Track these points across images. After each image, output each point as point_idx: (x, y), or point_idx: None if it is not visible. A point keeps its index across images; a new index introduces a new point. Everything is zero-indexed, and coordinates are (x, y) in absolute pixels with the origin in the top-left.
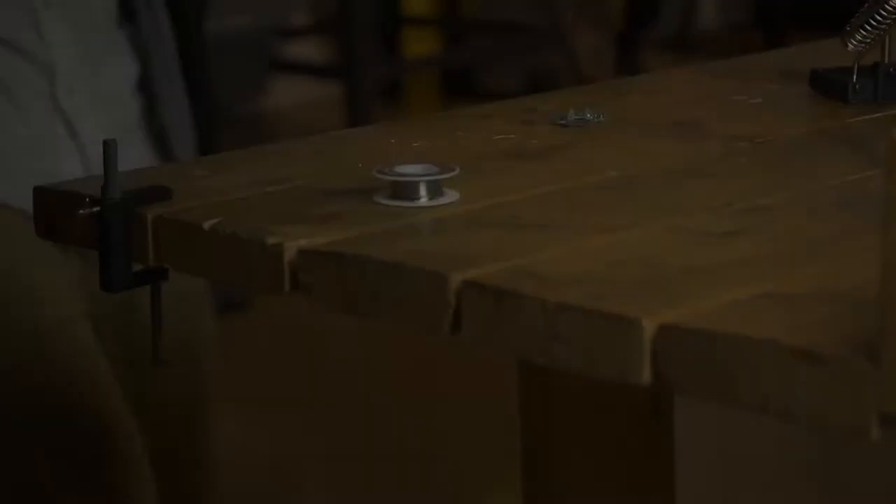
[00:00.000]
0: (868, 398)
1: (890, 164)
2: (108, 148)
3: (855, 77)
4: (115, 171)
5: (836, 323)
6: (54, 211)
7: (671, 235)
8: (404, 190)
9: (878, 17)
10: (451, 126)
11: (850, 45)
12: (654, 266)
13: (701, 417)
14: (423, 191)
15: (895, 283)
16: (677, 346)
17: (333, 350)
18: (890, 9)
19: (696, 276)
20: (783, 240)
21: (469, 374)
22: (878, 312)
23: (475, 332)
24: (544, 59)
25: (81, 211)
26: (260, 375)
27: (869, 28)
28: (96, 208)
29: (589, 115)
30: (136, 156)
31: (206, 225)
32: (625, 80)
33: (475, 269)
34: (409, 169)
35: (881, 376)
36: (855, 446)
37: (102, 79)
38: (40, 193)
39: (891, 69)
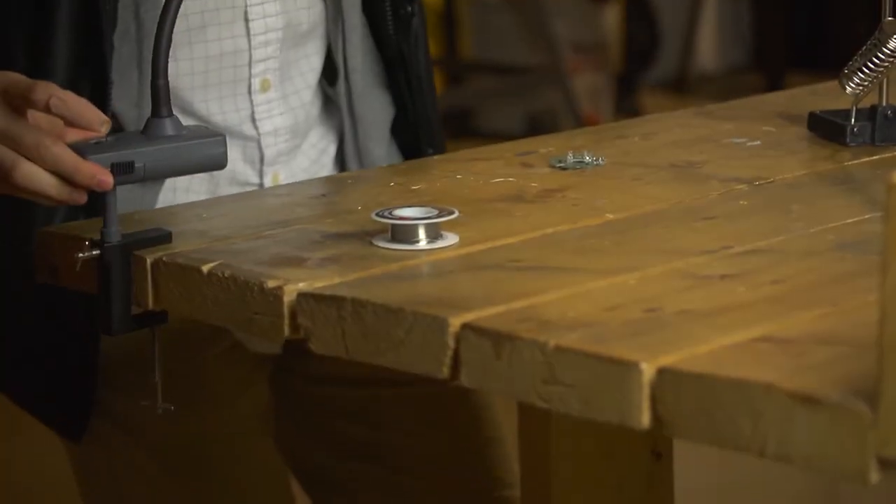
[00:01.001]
0: (866, 442)
1: (888, 207)
2: (107, 193)
3: (853, 120)
4: (115, 215)
5: (834, 366)
6: (55, 254)
7: (670, 278)
8: (403, 233)
9: (876, 61)
10: (450, 169)
11: (848, 87)
12: (653, 309)
13: (701, 459)
14: (421, 234)
15: (893, 327)
16: (676, 390)
17: None
18: (887, 52)
19: (695, 319)
20: (781, 283)
21: None
22: (876, 356)
23: (474, 376)
24: (543, 100)
25: (81, 254)
26: None
27: (867, 71)
28: (96, 252)
29: (588, 158)
30: None
31: (206, 268)
32: (623, 122)
33: (474, 312)
34: (408, 212)
35: (879, 420)
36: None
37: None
38: (42, 237)
39: (888, 112)
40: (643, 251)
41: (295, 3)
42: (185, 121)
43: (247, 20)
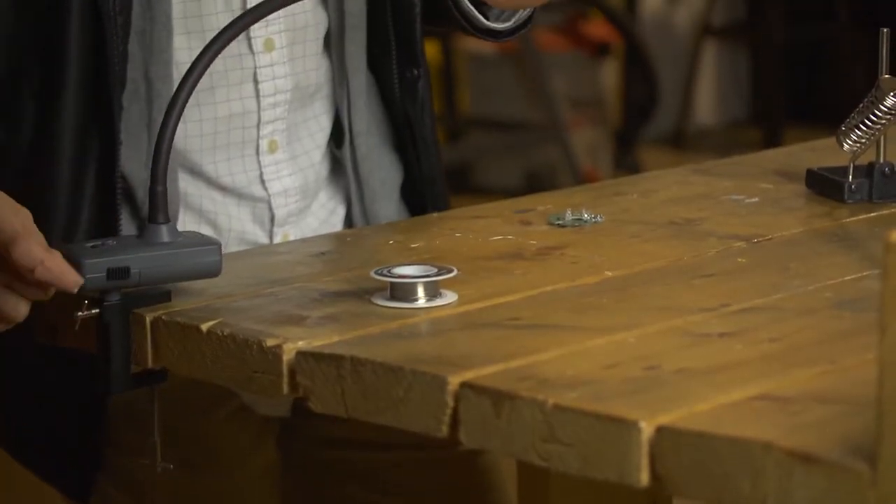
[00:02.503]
0: (866, 501)
1: (886, 266)
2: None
3: (850, 177)
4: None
5: (833, 425)
6: (54, 313)
7: (668, 336)
8: (402, 291)
9: (873, 118)
10: (449, 226)
11: (845, 145)
12: (652, 367)
13: None
14: (420, 292)
15: (892, 385)
16: (675, 448)
17: None
18: (885, 109)
19: (694, 377)
20: (780, 341)
21: None
22: (875, 414)
23: (473, 434)
24: (542, 156)
25: (80, 313)
26: None
27: (864, 128)
28: (95, 310)
29: (586, 216)
30: None
31: (205, 327)
32: (622, 179)
33: (473, 371)
34: (407, 270)
35: (878, 478)
36: None
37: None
38: None
39: (886, 169)
40: (642, 309)
41: (303, 64)
42: (194, 182)
43: (256, 82)
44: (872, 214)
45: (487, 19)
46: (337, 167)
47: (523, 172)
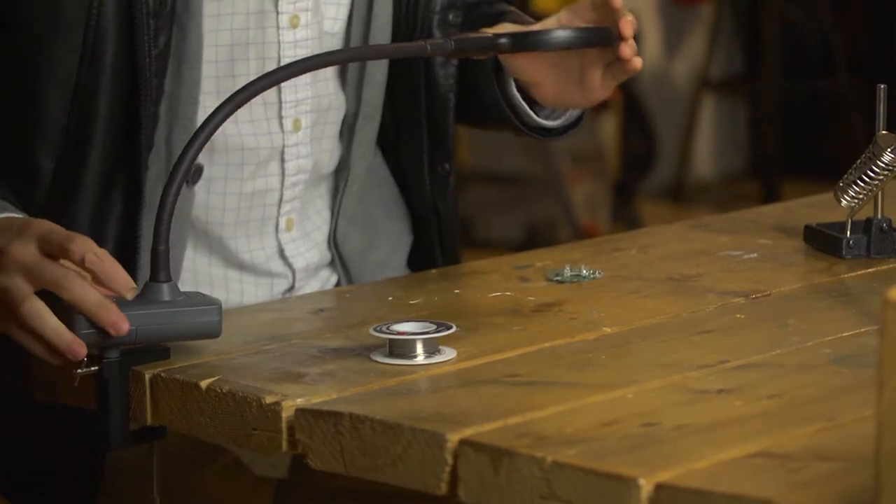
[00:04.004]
0: None
1: (884, 323)
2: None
3: (849, 233)
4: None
5: (831, 482)
6: (53, 370)
7: (667, 393)
8: (401, 348)
9: (871, 174)
10: (448, 283)
11: (843, 200)
12: (651, 424)
13: None
14: (419, 349)
15: (890, 442)
16: None
17: None
18: (882, 165)
19: (692, 434)
20: (778, 397)
21: None
22: (873, 471)
23: (472, 491)
24: (542, 210)
25: (80, 370)
26: None
27: (861, 184)
28: (95, 368)
29: (585, 272)
30: None
31: (204, 384)
32: (620, 235)
33: (472, 427)
34: (406, 327)
35: None
36: None
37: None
38: None
39: (884, 225)
40: (640, 365)
41: (320, 145)
42: (211, 257)
43: (282, 160)
44: (870, 270)
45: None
46: None
47: (523, 226)
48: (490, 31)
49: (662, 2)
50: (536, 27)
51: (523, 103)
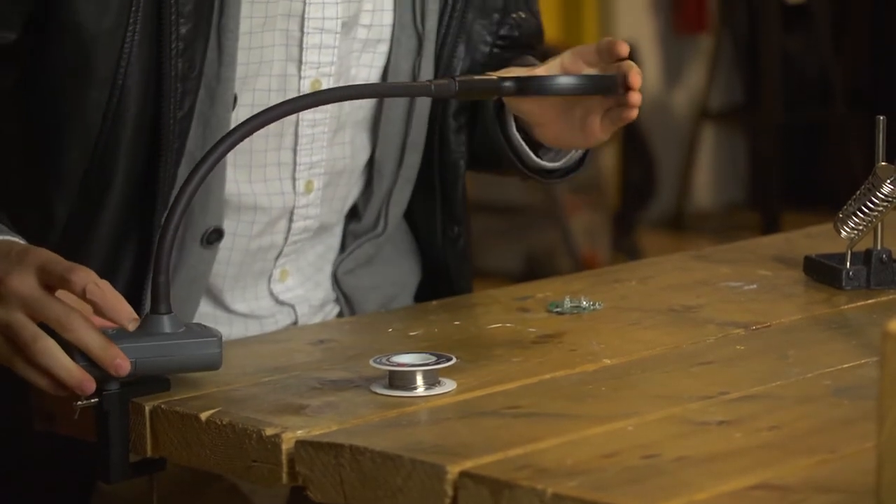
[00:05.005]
0: None
1: (884, 355)
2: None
3: (848, 264)
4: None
5: None
6: (53, 401)
7: (667, 425)
8: (401, 380)
9: (870, 205)
10: (448, 314)
11: (843, 231)
12: (651, 456)
13: None
14: (419, 380)
15: (891, 474)
16: None
17: None
18: (882, 196)
19: (693, 466)
20: (778, 429)
21: None
22: (874, 503)
23: None
24: (541, 240)
25: (80, 402)
26: None
27: (861, 215)
28: (94, 399)
29: (585, 303)
30: None
31: (204, 416)
32: (620, 266)
33: (472, 459)
34: (406, 358)
35: None
36: None
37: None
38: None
39: (884, 256)
40: (640, 397)
41: (331, 206)
42: (210, 305)
43: (290, 220)
44: (870, 301)
45: (540, 158)
46: None
47: (523, 256)
48: (495, 75)
49: (662, 32)
50: (540, 70)
51: (524, 144)
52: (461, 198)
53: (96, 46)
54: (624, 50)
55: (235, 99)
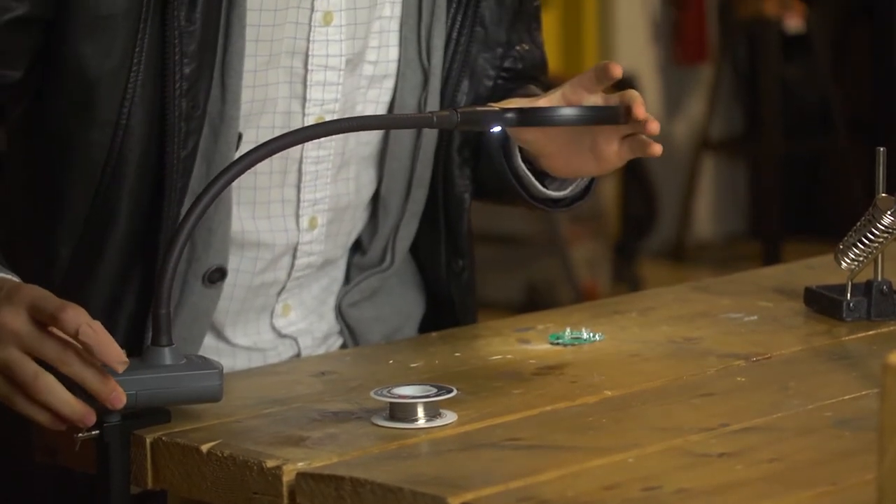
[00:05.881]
0: None
1: (884, 388)
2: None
3: (849, 295)
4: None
5: None
6: (54, 433)
7: (668, 457)
8: (402, 411)
9: (871, 237)
10: (449, 346)
11: (843, 263)
12: (652, 488)
13: None
14: (420, 412)
15: None
16: None
17: None
18: (882, 228)
19: (693, 498)
20: (779, 461)
21: None
22: None
23: None
24: (542, 270)
25: (81, 434)
26: None
27: (862, 247)
28: (95, 432)
29: (585, 335)
30: None
31: (205, 448)
32: (621, 297)
33: (472, 492)
34: (407, 390)
35: None
36: None
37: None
38: None
39: (884, 287)
40: (641, 429)
41: (335, 242)
42: (210, 339)
43: (294, 256)
44: (871, 333)
45: (546, 188)
46: None
47: (523, 286)
48: (497, 106)
49: (662, 62)
50: (542, 101)
51: (529, 174)
52: (466, 231)
53: (100, 87)
54: (617, 72)
55: (240, 137)
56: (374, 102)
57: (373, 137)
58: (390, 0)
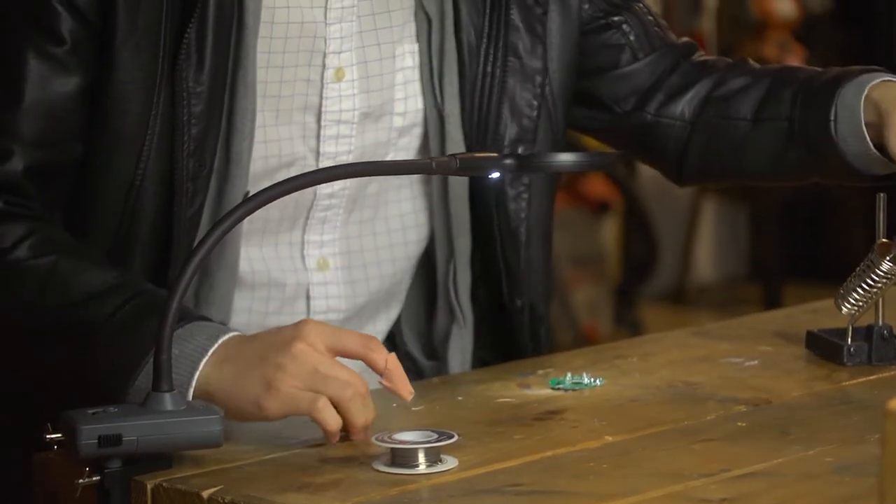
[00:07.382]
0: None
1: (885, 434)
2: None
3: (850, 340)
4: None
5: None
6: (55, 480)
7: (669, 503)
8: (403, 457)
9: (871, 281)
10: (450, 390)
11: (844, 308)
12: None
13: None
14: (421, 458)
15: None
16: None
17: None
18: (882, 273)
19: None
20: None
21: None
22: None
23: None
24: None
25: (81, 481)
26: None
27: (862, 292)
28: (96, 478)
29: (586, 380)
30: None
31: (206, 494)
32: (621, 342)
33: None
34: (408, 436)
35: None
36: None
37: None
38: (40, 462)
39: (885, 332)
40: (642, 474)
41: (367, 286)
42: None
43: (308, 298)
44: (872, 377)
45: None
46: None
47: None
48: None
49: None
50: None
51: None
52: (522, 269)
53: (118, 148)
54: None
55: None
56: (405, 150)
57: (383, 183)
58: (409, 51)
